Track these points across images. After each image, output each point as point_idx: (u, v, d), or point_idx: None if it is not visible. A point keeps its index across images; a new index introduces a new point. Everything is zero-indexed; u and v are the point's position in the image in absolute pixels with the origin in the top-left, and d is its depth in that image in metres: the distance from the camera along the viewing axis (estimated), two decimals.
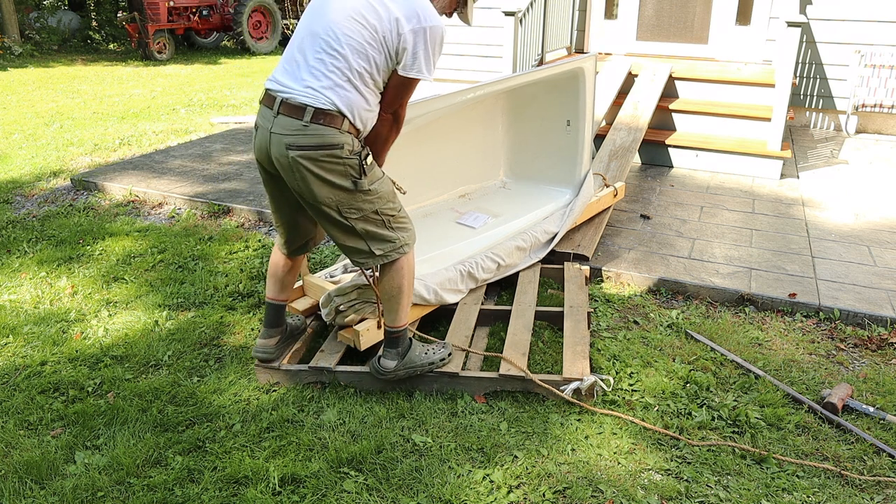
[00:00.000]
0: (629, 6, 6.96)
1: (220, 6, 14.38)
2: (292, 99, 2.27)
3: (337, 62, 2.26)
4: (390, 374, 2.64)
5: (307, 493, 2.21)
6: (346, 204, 2.37)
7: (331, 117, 2.26)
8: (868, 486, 2.26)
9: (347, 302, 2.86)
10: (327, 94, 2.25)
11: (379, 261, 2.49)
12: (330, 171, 2.30)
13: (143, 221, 4.62)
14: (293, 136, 2.27)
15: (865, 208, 4.60)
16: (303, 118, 2.25)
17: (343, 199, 2.36)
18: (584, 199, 3.98)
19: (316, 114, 2.25)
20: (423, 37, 2.26)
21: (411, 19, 2.25)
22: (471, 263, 3.31)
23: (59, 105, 8.62)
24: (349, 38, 2.25)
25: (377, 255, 2.48)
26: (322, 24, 2.30)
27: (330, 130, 2.26)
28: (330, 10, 2.30)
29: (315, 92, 2.26)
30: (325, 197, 2.34)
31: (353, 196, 2.36)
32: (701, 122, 5.74)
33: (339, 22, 2.27)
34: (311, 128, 2.25)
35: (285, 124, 2.28)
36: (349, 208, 2.38)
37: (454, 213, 3.95)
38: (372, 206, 2.40)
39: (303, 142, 2.27)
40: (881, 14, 5.98)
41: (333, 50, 2.26)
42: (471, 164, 4.27)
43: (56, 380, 2.84)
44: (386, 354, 2.65)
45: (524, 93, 4.14)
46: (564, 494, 2.21)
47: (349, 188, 2.34)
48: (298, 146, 2.27)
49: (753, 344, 3.09)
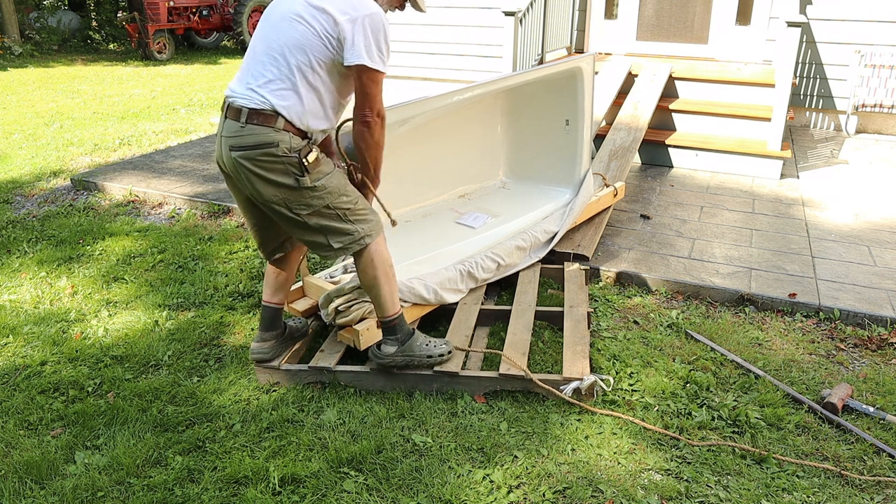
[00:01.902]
0: (629, 6, 6.96)
1: (220, 6, 14.38)
2: (234, 102, 2.34)
3: (274, 62, 2.31)
4: (388, 360, 2.66)
5: (307, 493, 2.21)
6: (294, 201, 2.39)
7: (264, 116, 2.29)
8: (868, 486, 2.26)
9: (346, 302, 2.86)
10: (262, 93, 2.30)
11: (340, 253, 2.51)
12: (270, 171, 2.33)
13: (143, 221, 4.62)
14: (234, 138, 2.33)
15: (865, 208, 4.60)
16: (240, 119, 2.31)
17: (289, 197, 2.38)
18: (584, 198, 3.98)
19: (250, 114, 2.30)
20: (360, 25, 2.28)
21: (346, 11, 2.28)
22: (471, 263, 3.31)
23: (59, 105, 8.62)
24: (286, 36, 2.30)
25: (336, 248, 2.49)
26: (264, 31, 2.38)
27: (264, 129, 2.29)
28: (271, 17, 2.38)
29: (252, 93, 2.31)
30: (271, 195, 2.37)
31: (300, 193, 2.38)
32: (701, 122, 5.74)
33: (277, 24, 2.34)
34: (246, 128, 2.30)
35: (228, 127, 2.35)
36: (297, 205, 2.40)
37: (454, 213, 3.95)
38: (322, 201, 2.41)
39: (241, 142, 2.32)
40: (881, 14, 5.98)
41: (271, 51, 2.32)
42: (470, 164, 4.27)
43: (56, 380, 2.84)
44: (385, 341, 2.68)
45: (523, 92, 4.13)
46: (564, 494, 2.21)
47: (293, 185, 2.36)
48: (238, 146, 2.33)
49: (753, 344, 3.09)
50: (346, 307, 2.86)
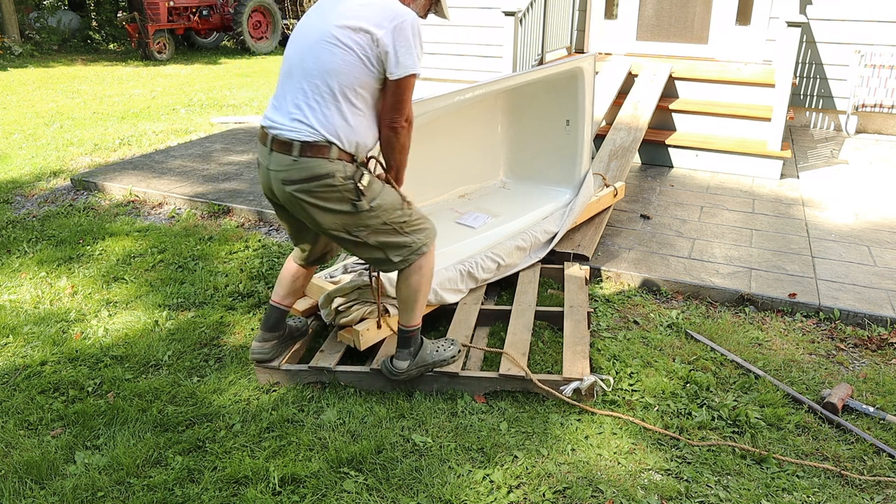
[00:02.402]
0: (629, 6, 6.96)
1: (220, 6, 14.38)
2: (281, 135, 2.30)
3: (316, 90, 2.26)
4: (403, 375, 2.64)
5: (307, 493, 2.21)
6: (352, 224, 2.39)
7: (317, 148, 2.26)
8: (868, 486, 2.26)
9: (347, 302, 2.86)
10: (311, 124, 2.26)
11: (401, 265, 2.51)
12: (327, 200, 2.32)
13: (143, 221, 4.62)
14: (286, 172, 2.30)
15: (865, 208, 4.60)
16: (292, 153, 2.27)
17: (348, 222, 2.38)
18: (584, 198, 3.98)
19: (303, 147, 2.26)
20: (400, 34, 2.25)
21: (382, 24, 2.23)
22: (471, 263, 3.31)
23: (59, 105, 8.62)
24: (324, 62, 2.25)
25: (396, 262, 2.50)
26: (299, 55, 2.32)
27: (318, 161, 2.27)
28: (304, 39, 2.32)
29: (299, 124, 2.27)
30: (330, 223, 2.37)
31: (357, 217, 2.37)
32: (701, 122, 5.74)
33: (312, 49, 2.28)
34: (300, 162, 2.27)
35: (278, 161, 2.31)
36: (356, 227, 2.40)
37: (454, 213, 3.95)
38: (379, 219, 2.41)
39: (295, 176, 2.29)
40: (881, 14, 5.98)
41: (311, 77, 2.27)
42: (470, 164, 4.27)
43: (56, 380, 2.84)
44: (399, 355, 2.64)
45: (524, 92, 4.14)
46: (564, 494, 2.21)
47: (350, 211, 2.35)
48: (292, 181, 2.30)
49: (753, 344, 3.09)
50: (347, 307, 2.86)
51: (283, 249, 4.10)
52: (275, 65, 12.78)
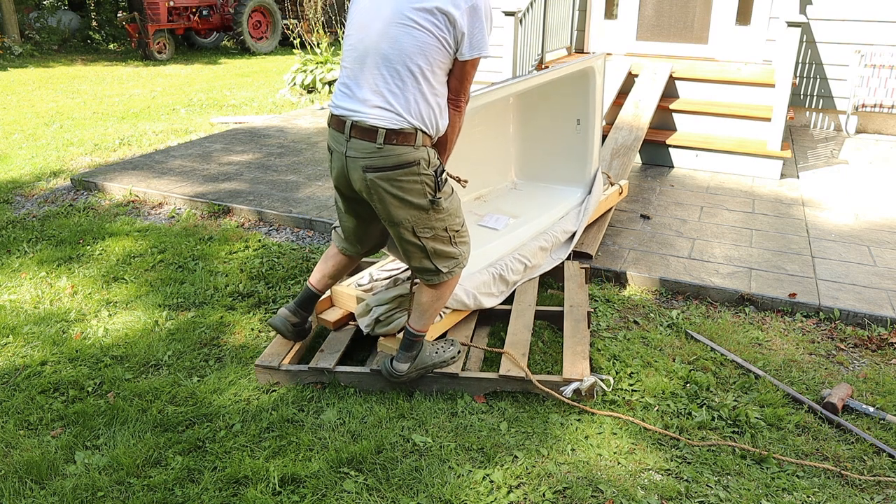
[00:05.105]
0: (629, 6, 6.96)
1: (220, 6, 14.36)
2: (363, 122, 2.26)
3: (396, 74, 2.22)
4: (403, 377, 2.63)
5: (307, 493, 2.21)
6: (421, 223, 2.39)
7: (404, 135, 2.25)
8: (868, 486, 2.26)
9: (388, 312, 2.84)
10: (398, 111, 2.24)
11: (444, 277, 2.51)
12: (408, 191, 2.31)
13: (143, 221, 4.62)
14: (370, 159, 2.28)
15: (865, 208, 4.60)
16: (376, 140, 2.25)
17: (418, 219, 2.38)
18: (597, 196, 4.00)
19: (388, 135, 2.24)
20: (475, 15, 2.23)
21: (458, 5, 2.20)
22: (501, 266, 3.26)
23: (59, 105, 8.62)
24: (402, 44, 2.21)
25: (443, 272, 2.50)
26: (371, 38, 2.26)
27: (405, 149, 2.26)
28: (376, 22, 2.25)
29: (383, 111, 2.25)
30: (402, 218, 2.36)
31: (428, 215, 2.38)
32: (701, 122, 5.74)
33: (389, 32, 2.22)
34: (385, 149, 2.25)
35: (360, 147, 2.28)
36: (423, 227, 2.40)
37: (474, 216, 3.92)
38: (443, 223, 2.42)
39: (379, 163, 2.27)
40: (881, 14, 5.98)
41: (389, 62, 2.22)
42: (484, 166, 4.26)
43: (56, 380, 2.84)
44: (400, 357, 2.63)
45: (535, 93, 4.14)
46: (564, 494, 2.21)
47: (425, 206, 2.35)
48: (375, 168, 2.28)
49: (753, 344, 3.09)
50: (388, 317, 2.84)
51: (283, 249, 4.10)
52: (275, 65, 12.77)
